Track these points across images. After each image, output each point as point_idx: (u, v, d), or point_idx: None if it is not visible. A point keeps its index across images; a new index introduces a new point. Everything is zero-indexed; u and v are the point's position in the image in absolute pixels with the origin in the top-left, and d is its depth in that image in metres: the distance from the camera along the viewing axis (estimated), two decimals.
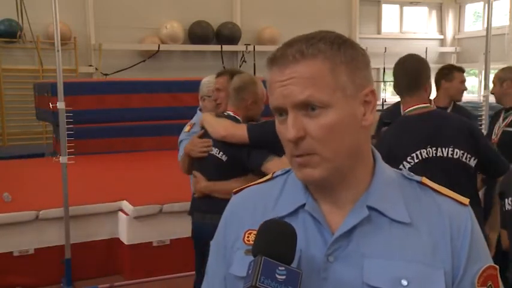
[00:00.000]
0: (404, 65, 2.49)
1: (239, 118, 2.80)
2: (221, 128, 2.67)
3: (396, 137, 2.44)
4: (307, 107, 0.90)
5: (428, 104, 2.46)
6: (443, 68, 3.95)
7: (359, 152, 0.95)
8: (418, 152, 2.33)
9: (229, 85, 2.88)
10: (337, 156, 0.91)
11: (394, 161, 2.30)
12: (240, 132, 2.62)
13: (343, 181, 0.95)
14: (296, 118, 0.90)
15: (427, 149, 2.32)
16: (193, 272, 3.14)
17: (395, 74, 2.51)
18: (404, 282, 0.90)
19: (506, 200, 2.40)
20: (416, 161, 2.33)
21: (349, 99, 0.92)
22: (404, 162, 2.32)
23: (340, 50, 0.92)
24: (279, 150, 2.59)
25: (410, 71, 2.47)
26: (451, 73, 3.83)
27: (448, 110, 3.78)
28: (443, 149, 2.32)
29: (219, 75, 3.10)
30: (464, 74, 3.93)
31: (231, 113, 2.81)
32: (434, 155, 2.33)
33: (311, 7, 12.18)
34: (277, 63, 0.92)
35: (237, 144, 2.65)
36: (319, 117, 0.90)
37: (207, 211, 2.73)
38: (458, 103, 3.96)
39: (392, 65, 2.63)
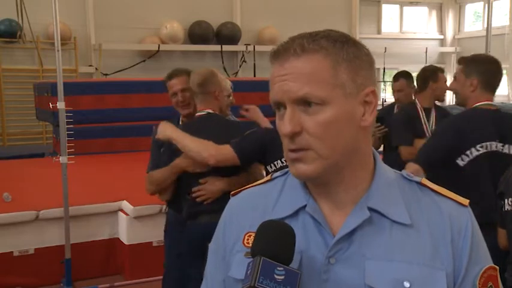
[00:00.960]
0: (499, 65, 2.63)
1: (218, 113, 2.76)
2: (206, 155, 2.51)
3: (471, 123, 2.56)
4: (305, 103, 0.90)
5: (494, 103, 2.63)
6: (427, 69, 3.94)
7: (357, 152, 0.95)
8: (488, 143, 2.46)
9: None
10: (332, 153, 0.91)
11: (463, 145, 2.47)
12: (227, 154, 2.50)
13: (343, 181, 0.95)
14: (293, 113, 0.90)
15: (497, 143, 2.46)
16: None
17: (491, 72, 2.59)
18: (407, 284, 0.89)
19: (506, 200, 2.40)
20: (485, 150, 2.45)
21: (349, 97, 0.91)
22: (473, 149, 2.45)
23: (343, 48, 0.92)
24: (266, 158, 2.58)
25: (502, 72, 2.63)
26: (436, 74, 3.84)
27: (433, 110, 3.82)
28: (510, 147, 2.47)
29: (173, 76, 3.01)
30: None
31: (210, 111, 2.72)
32: (501, 150, 2.46)
33: (311, 7, 12.18)
34: (279, 57, 0.93)
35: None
36: (317, 113, 0.90)
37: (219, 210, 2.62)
38: (438, 104, 3.99)
39: (393, 65, 2.69)
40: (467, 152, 2.43)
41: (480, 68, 2.57)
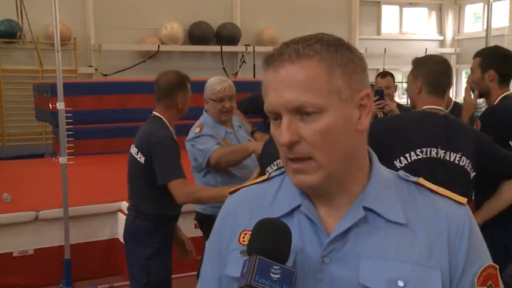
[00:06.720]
0: (446, 66, 2.45)
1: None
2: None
3: (413, 126, 2.38)
4: (302, 111, 0.89)
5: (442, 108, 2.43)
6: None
7: (354, 156, 0.95)
8: (428, 149, 2.28)
9: None
10: (332, 161, 0.91)
11: (402, 146, 2.28)
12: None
13: (339, 184, 0.95)
14: (290, 122, 0.89)
15: (438, 150, 2.28)
16: (194, 273, 3.13)
17: (434, 74, 2.41)
18: (401, 283, 0.89)
19: None
20: (424, 156, 2.27)
21: (345, 103, 0.91)
22: (412, 153, 2.27)
23: (337, 53, 0.91)
24: None
25: (449, 73, 2.45)
26: None
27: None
28: (451, 154, 2.28)
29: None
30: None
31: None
32: (442, 157, 2.28)
33: (311, 8, 12.18)
34: (273, 63, 0.91)
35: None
36: (314, 121, 0.89)
37: None
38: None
39: (392, 66, 2.61)
40: (406, 155, 2.25)
41: (424, 69, 2.42)
